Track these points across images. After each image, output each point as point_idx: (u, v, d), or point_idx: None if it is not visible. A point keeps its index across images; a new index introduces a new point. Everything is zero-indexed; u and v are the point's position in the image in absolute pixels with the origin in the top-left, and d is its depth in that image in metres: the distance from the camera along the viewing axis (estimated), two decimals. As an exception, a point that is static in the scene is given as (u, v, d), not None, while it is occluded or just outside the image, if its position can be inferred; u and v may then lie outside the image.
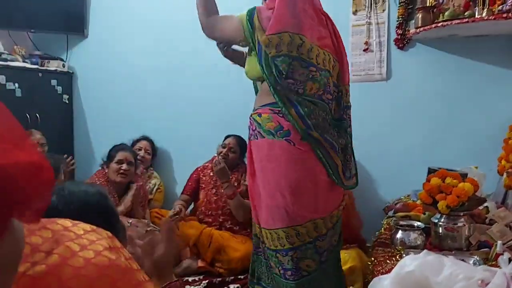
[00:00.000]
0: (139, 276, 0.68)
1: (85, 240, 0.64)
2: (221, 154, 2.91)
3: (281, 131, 1.73)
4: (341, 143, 1.84)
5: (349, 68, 2.82)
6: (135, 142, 3.27)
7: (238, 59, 2.11)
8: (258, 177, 1.81)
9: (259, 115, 1.78)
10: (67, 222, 0.67)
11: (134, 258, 0.71)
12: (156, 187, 3.26)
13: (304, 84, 1.73)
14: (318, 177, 1.76)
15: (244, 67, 1.92)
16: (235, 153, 2.94)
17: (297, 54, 1.71)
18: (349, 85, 1.93)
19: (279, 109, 1.73)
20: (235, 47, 2.08)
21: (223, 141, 3.00)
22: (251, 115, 1.85)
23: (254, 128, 1.81)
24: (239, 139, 2.96)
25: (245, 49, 2.01)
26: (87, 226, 0.68)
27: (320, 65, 1.77)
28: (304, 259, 1.77)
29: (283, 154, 1.73)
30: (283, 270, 1.78)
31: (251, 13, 1.75)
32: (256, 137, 1.80)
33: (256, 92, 1.98)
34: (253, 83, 2.03)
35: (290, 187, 1.72)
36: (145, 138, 3.32)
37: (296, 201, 1.72)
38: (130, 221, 2.41)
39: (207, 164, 3.04)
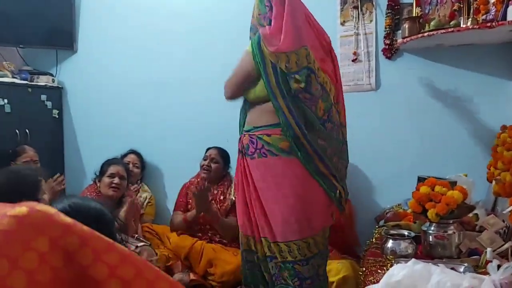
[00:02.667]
0: None
1: None
2: (204, 166, 2.91)
3: (295, 150, 1.78)
4: (341, 169, 1.91)
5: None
6: (123, 156, 3.26)
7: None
8: (267, 193, 1.82)
9: (268, 135, 1.81)
10: None
11: None
12: (146, 200, 3.24)
13: (316, 102, 1.78)
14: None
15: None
16: (218, 163, 2.94)
17: (314, 67, 1.76)
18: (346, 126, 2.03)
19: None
20: None
21: (205, 153, 3.01)
22: (252, 134, 1.86)
23: (260, 147, 1.82)
24: (220, 150, 2.98)
25: None
26: None
27: (325, 85, 1.83)
28: (322, 265, 1.87)
29: (299, 170, 1.79)
30: (300, 280, 1.81)
31: (257, 39, 1.79)
32: (263, 155, 1.81)
33: (246, 110, 2.00)
34: (245, 102, 2.03)
35: (308, 197, 1.80)
36: (132, 151, 3.31)
37: (315, 212, 1.82)
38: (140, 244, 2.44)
39: (193, 180, 3.04)
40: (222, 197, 2.89)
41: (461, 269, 1.57)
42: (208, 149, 3.02)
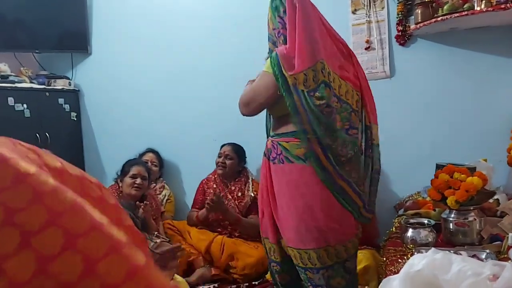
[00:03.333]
0: None
1: None
2: (219, 164, 2.94)
3: (311, 159, 1.75)
4: (354, 177, 1.83)
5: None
6: (141, 155, 3.30)
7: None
8: (281, 199, 1.83)
9: (286, 141, 1.81)
10: None
11: None
12: (166, 198, 3.29)
13: (334, 114, 1.76)
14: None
15: None
16: (232, 160, 2.96)
17: (328, 81, 1.74)
18: (377, 124, 1.96)
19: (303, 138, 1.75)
20: None
21: (219, 150, 3.03)
22: (274, 140, 1.86)
23: (279, 152, 1.82)
24: (234, 146, 3.00)
25: None
26: None
27: (343, 96, 1.80)
28: (335, 277, 1.80)
29: (313, 179, 1.75)
30: (313, 286, 1.82)
31: (276, 58, 1.73)
32: (281, 161, 1.81)
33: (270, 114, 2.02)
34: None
35: (322, 210, 1.75)
36: (151, 150, 3.35)
37: (328, 223, 1.75)
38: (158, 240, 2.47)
39: (210, 176, 3.07)
40: (240, 194, 2.92)
41: (483, 256, 1.56)
42: (222, 145, 3.05)
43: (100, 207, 0.45)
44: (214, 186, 3.01)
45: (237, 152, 2.98)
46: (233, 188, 2.95)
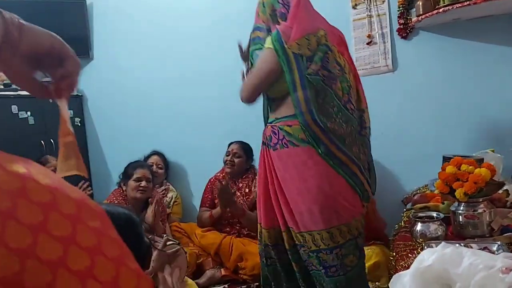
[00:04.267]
0: None
1: None
2: (227, 162, 2.94)
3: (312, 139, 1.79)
4: (355, 151, 1.86)
5: (354, 63, 2.84)
6: (146, 157, 3.30)
7: None
8: (290, 184, 1.82)
9: (289, 125, 1.81)
10: None
11: None
12: (173, 200, 3.28)
13: (335, 81, 1.81)
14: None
15: None
16: (241, 158, 2.96)
17: (330, 45, 1.81)
18: (367, 108, 2.00)
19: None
20: None
21: (227, 148, 3.02)
22: (274, 125, 1.87)
23: (281, 137, 1.83)
24: (242, 144, 2.99)
25: None
26: None
27: (344, 67, 1.86)
28: (348, 255, 1.83)
29: (320, 160, 1.78)
30: (326, 268, 1.81)
31: (276, 35, 1.78)
32: (285, 145, 1.82)
33: (267, 102, 2.01)
34: (267, 97, 2.02)
35: (332, 189, 1.78)
36: (155, 153, 3.35)
37: (339, 201, 1.80)
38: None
39: (218, 175, 3.06)
40: (247, 190, 2.91)
41: (494, 248, 1.54)
42: (230, 144, 3.04)
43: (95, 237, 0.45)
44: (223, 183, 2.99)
45: (245, 150, 2.97)
46: (241, 185, 2.95)
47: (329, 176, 1.78)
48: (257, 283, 2.62)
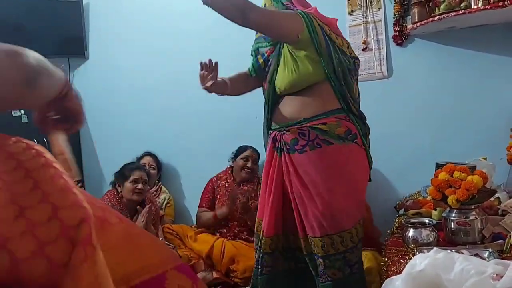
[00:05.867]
0: None
1: None
2: (245, 168, 2.91)
3: (351, 135, 1.79)
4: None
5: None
6: (139, 158, 3.29)
7: (222, 88, 2.04)
8: (321, 185, 1.75)
9: (324, 123, 1.76)
10: None
11: None
12: (165, 201, 3.27)
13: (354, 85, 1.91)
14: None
15: (224, 93, 1.98)
16: (257, 165, 2.96)
17: (355, 56, 1.93)
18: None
19: (345, 115, 1.80)
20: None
21: (241, 152, 2.99)
22: (302, 126, 1.78)
23: (313, 138, 1.75)
24: (256, 150, 2.98)
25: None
26: None
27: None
28: (355, 256, 1.84)
29: (358, 156, 1.82)
30: (350, 267, 1.79)
31: (305, 14, 1.76)
32: (317, 145, 1.75)
33: (270, 105, 1.93)
34: (269, 96, 1.93)
35: (363, 184, 1.86)
36: (148, 154, 3.34)
37: (363, 196, 1.87)
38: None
39: (221, 175, 3.05)
40: (253, 194, 2.89)
41: (485, 255, 1.55)
42: (244, 149, 3.00)
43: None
44: (226, 185, 2.98)
45: (258, 157, 2.98)
46: (245, 188, 2.94)
47: (363, 170, 1.85)
48: (248, 287, 2.61)
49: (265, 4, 1.94)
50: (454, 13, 2.39)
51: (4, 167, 0.60)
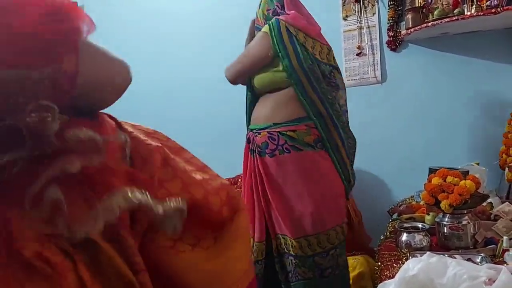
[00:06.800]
0: None
1: None
2: None
3: (320, 143, 1.82)
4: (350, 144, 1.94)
5: (344, 73, 2.86)
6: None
7: None
8: (289, 189, 1.81)
9: (292, 130, 1.80)
10: None
11: None
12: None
13: (337, 92, 1.93)
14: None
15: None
16: None
17: (335, 64, 1.96)
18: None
19: (313, 123, 1.80)
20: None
21: None
22: (272, 131, 1.82)
23: (282, 143, 1.80)
24: None
25: None
26: None
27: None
28: (341, 255, 1.88)
29: (325, 163, 1.82)
30: (320, 270, 1.82)
31: (276, 22, 1.80)
32: (286, 151, 1.79)
33: (249, 103, 2.03)
34: (252, 95, 2.02)
35: (336, 190, 1.85)
36: None
37: (337, 203, 1.86)
38: None
39: None
40: None
41: (478, 259, 1.55)
42: None
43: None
44: None
45: None
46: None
47: (330, 177, 1.83)
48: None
49: (261, 2, 2.00)
50: (448, 19, 2.40)
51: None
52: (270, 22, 1.82)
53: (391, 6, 2.82)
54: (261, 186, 1.86)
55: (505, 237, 1.64)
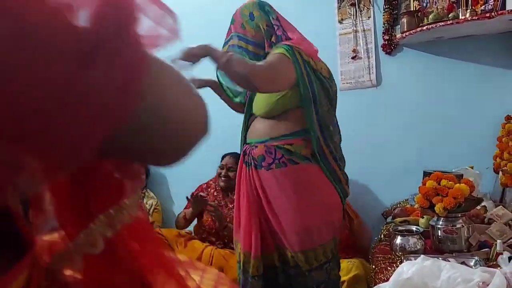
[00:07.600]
0: None
1: None
2: (221, 176, 2.89)
3: (316, 157, 1.81)
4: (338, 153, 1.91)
5: (339, 77, 2.86)
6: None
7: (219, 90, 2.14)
8: (284, 203, 1.78)
9: (289, 144, 1.79)
10: None
11: None
12: (152, 207, 3.24)
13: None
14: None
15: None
16: (235, 171, 2.92)
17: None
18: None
19: (310, 137, 1.78)
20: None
21: (221, 161, 2.97)
22: (269, 144, 1.81)
23: (279, 157, 1.78)
24: (236, 157, 2.94)
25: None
26: None
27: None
28: (334, 268, 1.86)
29: (322, 176, 1.81)
30: (316, 285, 1.81)
31: (289, 47, 1.75)
32: (283, 164, 1.78)
33: (246, 123, 1.99)
34: (246, 117, 2.01)
35: (330, 204, 1.83)
36: None
37: (333, 217, 1.84)
38: None
39: (211, 183, 3.02)
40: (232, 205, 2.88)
41: (472, 263, 1.56)
42: (223, 156, 2.98)
43: None
44: (215, 193, 2.96)
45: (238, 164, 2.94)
46: (234, 197, 2.91)
47: (327, 191, 1.82)
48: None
49: (251, 13, 1.94)
50: (442, 24, 2.41)
51: None
52: (286, 47, 1.75)
53: (386, 10, 2.83)
54: (257, 200, 1.84)
55: (498, 241, 1.65)
